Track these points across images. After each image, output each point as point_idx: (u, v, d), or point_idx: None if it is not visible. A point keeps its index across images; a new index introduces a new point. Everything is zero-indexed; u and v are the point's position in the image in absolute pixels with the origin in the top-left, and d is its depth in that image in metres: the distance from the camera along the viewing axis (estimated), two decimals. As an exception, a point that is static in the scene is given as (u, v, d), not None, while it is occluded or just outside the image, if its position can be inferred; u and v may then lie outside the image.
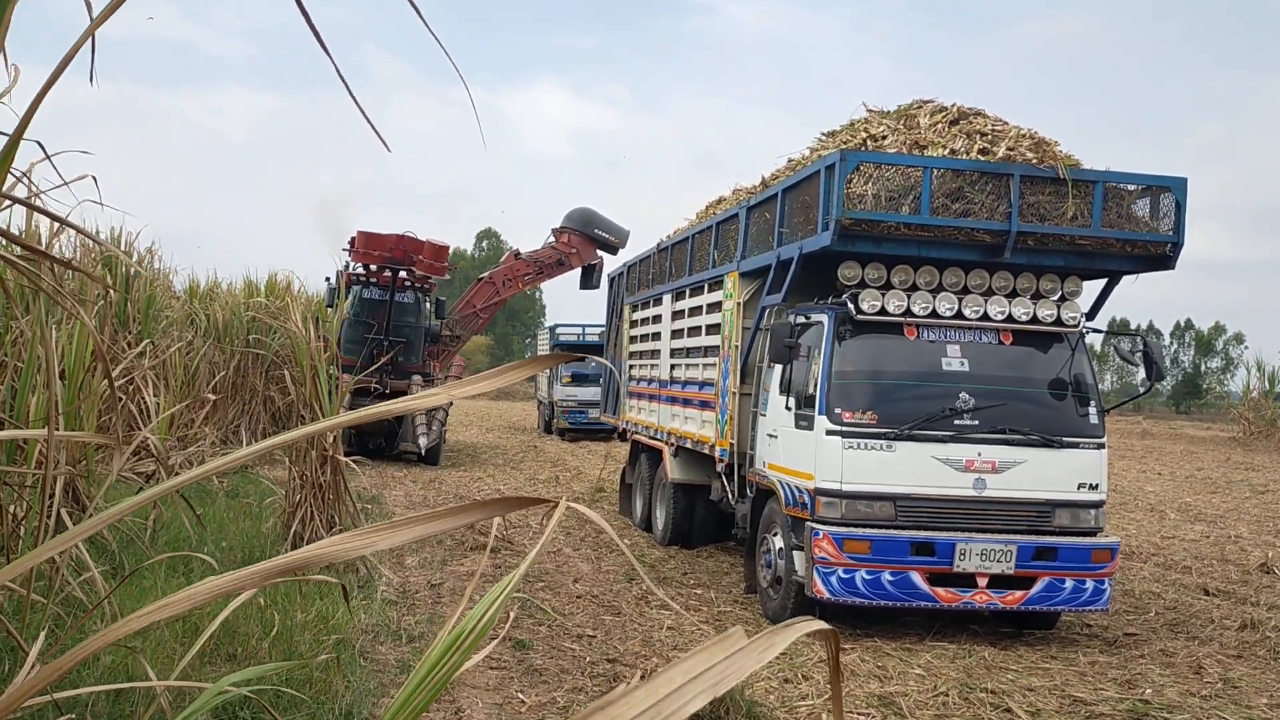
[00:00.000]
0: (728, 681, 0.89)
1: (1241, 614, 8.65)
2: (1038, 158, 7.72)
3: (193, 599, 1.31)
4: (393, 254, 17.90)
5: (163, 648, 4.97)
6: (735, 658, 0.93)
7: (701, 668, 0.90)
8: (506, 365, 1.40)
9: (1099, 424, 7.96)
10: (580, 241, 21.30)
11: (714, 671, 0.90)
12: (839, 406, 7.65)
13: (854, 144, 8.34)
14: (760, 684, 6.39)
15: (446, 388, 1.45)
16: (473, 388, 1.42)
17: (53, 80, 2.18)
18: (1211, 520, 14.50)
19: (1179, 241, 7.82)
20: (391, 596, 8.06)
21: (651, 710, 0.82)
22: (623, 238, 21.53)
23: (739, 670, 0.91)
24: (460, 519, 1.19)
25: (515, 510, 1.23)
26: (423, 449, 18.09)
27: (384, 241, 18.02)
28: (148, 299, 12.09)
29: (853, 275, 7.85)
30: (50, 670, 1.36)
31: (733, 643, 0.95)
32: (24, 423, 5.86)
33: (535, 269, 21.31)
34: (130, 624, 1.30)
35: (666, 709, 0.82)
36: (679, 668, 0.89)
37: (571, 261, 21.39)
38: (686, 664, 0.90)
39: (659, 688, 0.86)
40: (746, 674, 0.91)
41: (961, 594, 7.52)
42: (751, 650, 0.94)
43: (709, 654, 0.93)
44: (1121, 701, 6.36)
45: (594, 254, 21.50)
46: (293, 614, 6.12)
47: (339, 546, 1.23)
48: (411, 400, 1.43)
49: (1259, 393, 32.14)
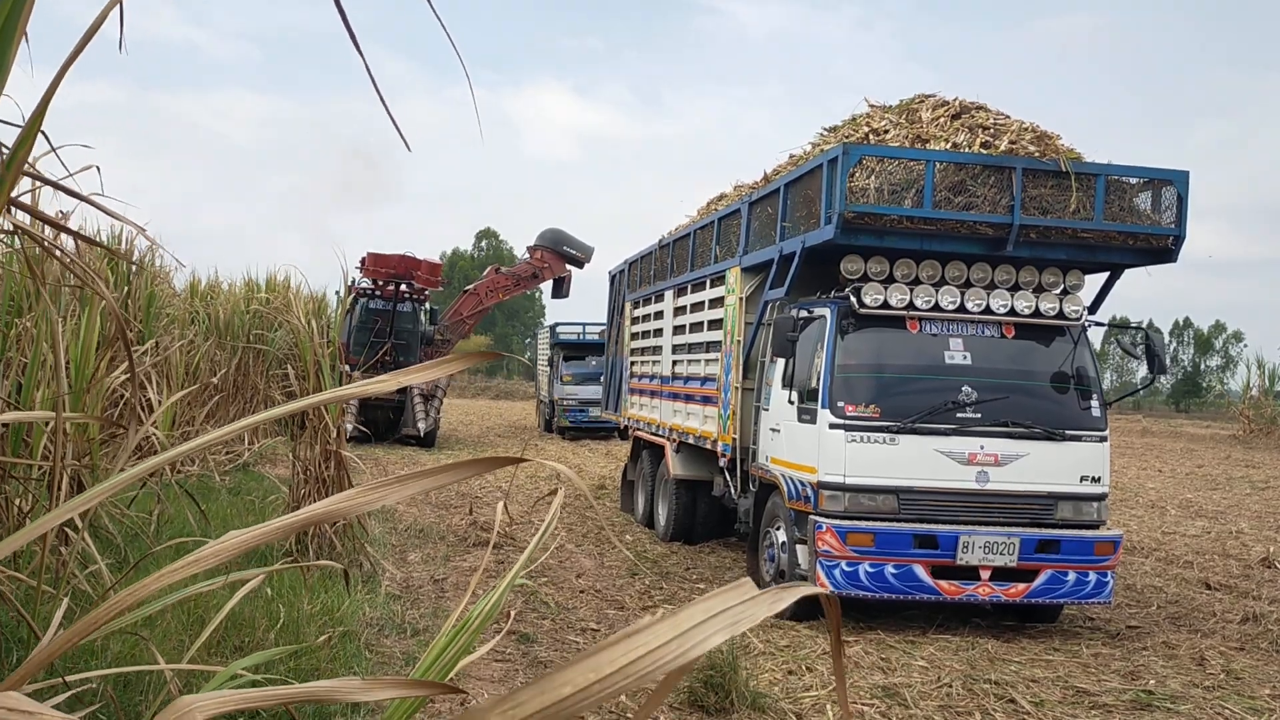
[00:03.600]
0: (744, 623, 0.93)
1: (1243, 607, 8.66)
2: (1040, 151, 7.73)
3: (217, 556, 1.33)
4: (396, 270, 21.71)
5: (170, 638, 4.98)
6: (749, 604, 0.96)
7: (720, 608, 0.94)
8: (448, 357, 1.56)
9: (1101, 417, 7.97)
10: (551, 257, 24.33)
11: (731, 613, 0.94)
12: (842, 400, 7.67)
13: (856, 138, 8.36)
14: (765, 675, 6.41)
15: (393, 375, 1.59)
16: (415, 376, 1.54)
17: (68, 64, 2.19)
18: (1212, 516, 14.51)
19: (1181, 234, 7.84)
20: (395, 591, 8.07)
21: (676, 640, 0.87)
22: (588, 253, 24.54)
23: (753, 615, 0.95)
24: (446, 477, 1.29)
25: (489, 470, 1.36)
26: (422, 431, 21.34)
27: (389, 260, 21.77)
28: (149, 297, 12.09)
29: (855, 269, 7.86)
30: (71, 635, 1.37)
31: (745, 591, 0.99)
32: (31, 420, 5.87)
33: (513, 281, 24.64)
34: (146, 587, 1.32)
35: (690, 641, 0.87)
36: (699, 606, 0.93)
37: (544, 275, 24.50)
38: (706, 604, 0.94)
39: (682, 621, 0.90)
40: (759, 619, 0.94)
41: (964, 587, 7.53)
42: (763, 599, 0.98)
43: (725, 598, 0.97)
44: (1125, 692, 6.38)
45: (564, 268, 24.47)
46: (299, 606, 6.13)
47: (347, 503, 1.29)
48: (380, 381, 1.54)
49: (1259, 391, 32.18)
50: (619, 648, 0.87)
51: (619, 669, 0.85)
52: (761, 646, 7.15)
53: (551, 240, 24.43)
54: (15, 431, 6.09)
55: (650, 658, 0.87)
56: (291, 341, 12.68)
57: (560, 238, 24.47)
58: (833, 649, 1.21)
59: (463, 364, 1.53)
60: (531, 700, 0.80)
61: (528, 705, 0.80)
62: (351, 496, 1.29)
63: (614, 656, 0.86)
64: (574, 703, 0.81)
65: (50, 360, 5.92)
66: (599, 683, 0.84)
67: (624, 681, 0.85)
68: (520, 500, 13.78)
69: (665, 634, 0.88)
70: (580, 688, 0.82)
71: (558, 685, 0.82)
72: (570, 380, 27.17)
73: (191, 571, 1.31)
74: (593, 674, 0.84)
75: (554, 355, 29.14)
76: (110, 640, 4.59)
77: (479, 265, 75.26)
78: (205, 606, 5.42)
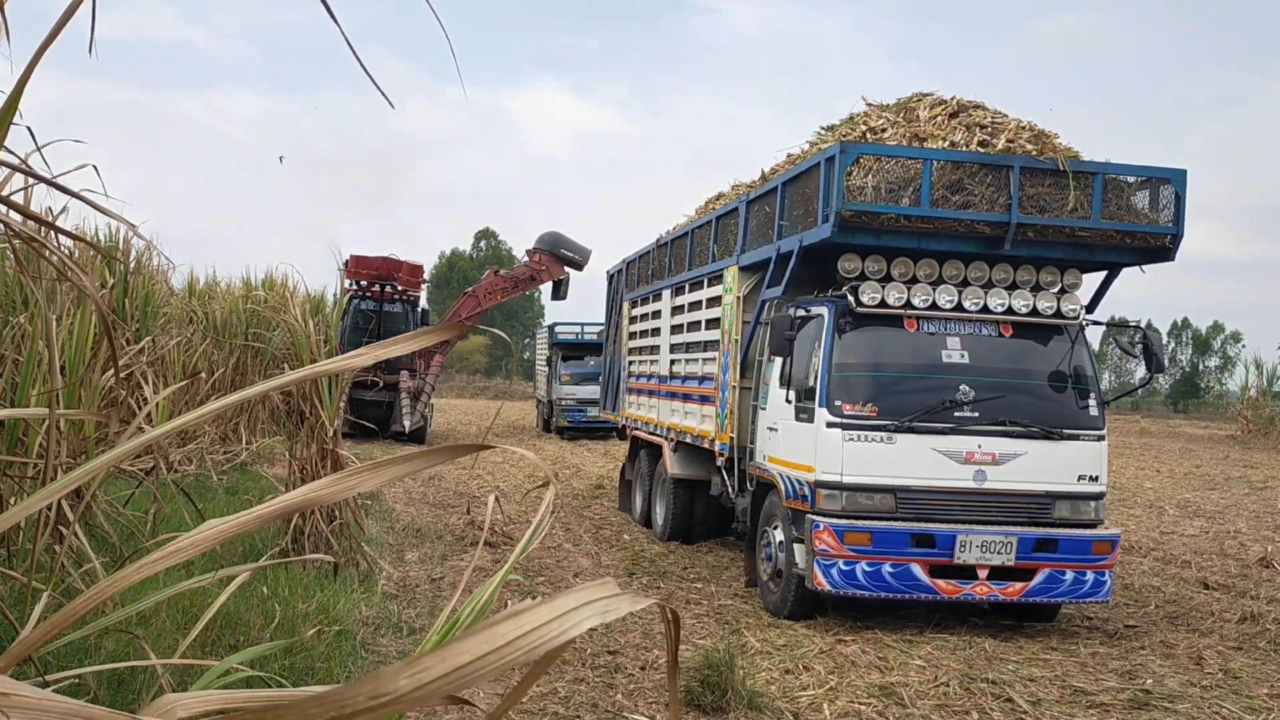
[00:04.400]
0: (611, 614, 1.04)
1: (1241, 607, 8.66)
2: (1037, 150, 7.72)
3: (195, 546, 1.32)
4: (379, 272, 22.80)
5: (165, 636, 4.96)
6: (615, 599, 1.07)
7: (591, 598, 1.05)
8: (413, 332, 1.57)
9: (1099, 416, 7.96)
10: (549, 260, 24.78)
11: (601, 604, 1.05)
12: (839, 399, 7.66)
13: (854, 137, 8.35)
14: (761, 675, 6.40)
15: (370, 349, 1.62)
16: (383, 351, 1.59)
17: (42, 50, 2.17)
18: (1210, 516, 14.51)
19: (1179, 233, 7.83)
20: (392, 590, 8.06)
21: (556, 621, 0.99)
22: (585, 256, 25.00)
23: (618, 609, 1.06)
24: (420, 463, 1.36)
25: (459, 456, 1.44)
26: (407, 428, 21.91)
27: (371, 263, 22.74)
28: (146, 295, 12.07)
29: (853, 268, 7.85)
30: (50, 625, 1.36)
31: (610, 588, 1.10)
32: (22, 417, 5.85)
33: (511, 283, 24.99)
34: (127, 578, 1.30)
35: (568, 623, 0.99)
36: (572, 595, 1.04)
37: (542, 277, 24.99)
38: (578, 594, 1.04)
39: (559, 606, 1.01)
40: (624, 613, 1.06)
41: (962, 586, 7.52)
42: (625, 597, 1.09)
43: (594, 590, 1.07)
44: (1123, 691, 6.37)
45: (561, 270, 24.93)
46: (294, 604, 6.12)
47: (324, 491, 1.35)
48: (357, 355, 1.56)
49: (1257, 391, 32.17)
50: (509, 624, 0.97)
51: (509, 642, 0.95)
52: (758, 646, 7.14)
53: (549, 243, 24.96)
54: (11, 430, 6.08)
55: (535, 634, 0.97)
56: (289, 341, 12.68)
57: (558, 241, 25.00)
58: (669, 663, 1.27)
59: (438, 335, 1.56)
60: (434, 666, 0.89)
61: (431, 670, 0.89)
62: (329, 484, 1.31)
63: (505, 630, 0.96)
64: (472, 669, 0.91)
65: (45, 358, 5.91)
66: (493, 653, 0.93)
67: (515, 654, 0.95)
68: (518, 500, 13.76)
69: (546, 615, 0.99)
70: (477, 656, 0.92)
71: (457, 654, 0.91)
72: (568, 380, 27.18)
73: (171, 562, 1.31)
74: (487, 645, 0.93)
75: (552, 355, 29.17)
76: (104, 638, 4.58)
77: (478, 265, 75.29)
78: (200, 604, 5.40)
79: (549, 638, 0.95)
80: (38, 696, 1.07)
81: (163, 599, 3.97)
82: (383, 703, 0.82)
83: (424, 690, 0.86)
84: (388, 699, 0.83)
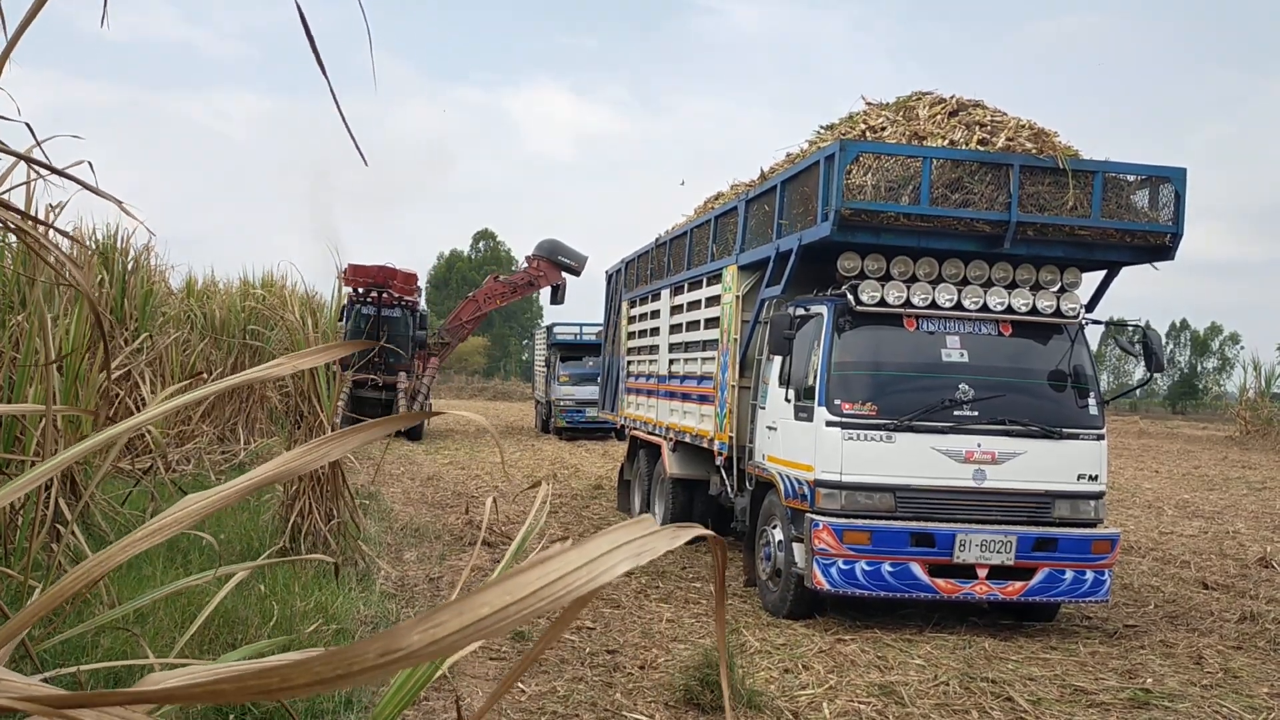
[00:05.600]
0: (646, 555, 0.99)
1: (1241, 607, 8.65)
2: (1037, 148, 7.72)
3: (177, 524, 1.31)
4: (375, 280, 23.99)
5: (163, 635, 4.95)
6: (651, 537, 1.02)
7: (625, 539, 1.00)
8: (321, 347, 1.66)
9: (1098, 415, 7.95)
10: (547, 266, 26.07)
11: (636, 544, 1.00)
12: (839, 398, 7.64)
13: (853, 136, 8.33)
14: (761, 674, 6.38)
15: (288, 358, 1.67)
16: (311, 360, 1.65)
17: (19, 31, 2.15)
18: (1209, 516, 14.50)
19: (1178, 232, 7.82)
20: (390, 590, 8.04)
21: (586, 567, 0.93)
22: (582, 263, 26.09)
23: (654, 548, 1.01)
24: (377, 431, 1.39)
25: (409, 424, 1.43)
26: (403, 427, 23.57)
27: (368, 271, 23.90)
28: (145, 294, 12.05)
29: (852, 266, 7.84)
30: (37, 607, 1.35)
31: (647, 526, 1.05)
32: (22, 413, 5.84)
33: (510, 289, 26.54)
34: (113, 558, 1.29)
35: (599, 568, 0.94)
36: (605, 537, 0.99)
37: (540, 283, 26.37)
38: (611, 535, 1.00)
39: (590, 550, 0.96)
40: (660, 552, 1.01)
41: (961, 585, 7.51)
42: (663, 534, 1.05)
43: (629, 531, 1.03)
44: (1122, 691, 6.36)
45: (559, 276, 26.13)
46: (291, 603, 6.10)
47: (297, 462, 1.36)
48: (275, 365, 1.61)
49: (1255, 392, 32.19)
50: (533, 572, 0.92)
51: (533, 592, 0.90)
52: (758, 645, 7.13)
53: (548, 250, 26.08)
54: (9, 427, 6.07)
55: (562, 583, 0.92)
56: (288, 340, 12.65)
57: (556, 248, 26.07)
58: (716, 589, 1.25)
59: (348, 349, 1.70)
60: (451, 620, 0.85)
61: (449, 624, 0.84)
62: (300, 454, 1.34)
63: (529, 580, 0.91)
64: (492, 622, 0.86)
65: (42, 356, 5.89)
66: (515, 604, 0.88)
67: (538, 604, 0.89)
68: (518, 501, 13.74)
69: (575, 560, 0.93)
70: (497, 608, 0.87)
71: (476, 606, 0.87)
72: (567, 381, 27.18)
73: (153, 541, 1.30)
74: (508, 596, 0.89)
75: (551, 356, 29.18)
76: (101, 635, 4.56)
77: (476, 266, 75.23)
78: (198, 603, 5.38)
79: (579, 584, 0.91)
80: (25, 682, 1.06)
81: (160, 596, 3.96)
82: (394, 659, 0.79)
83: (438, 645, 0.81)
84: (400, 654, 0.80)
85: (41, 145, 4.28)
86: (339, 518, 8.38)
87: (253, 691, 0.78)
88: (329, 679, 0.76)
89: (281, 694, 0.76)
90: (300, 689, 0.76)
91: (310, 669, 0.76)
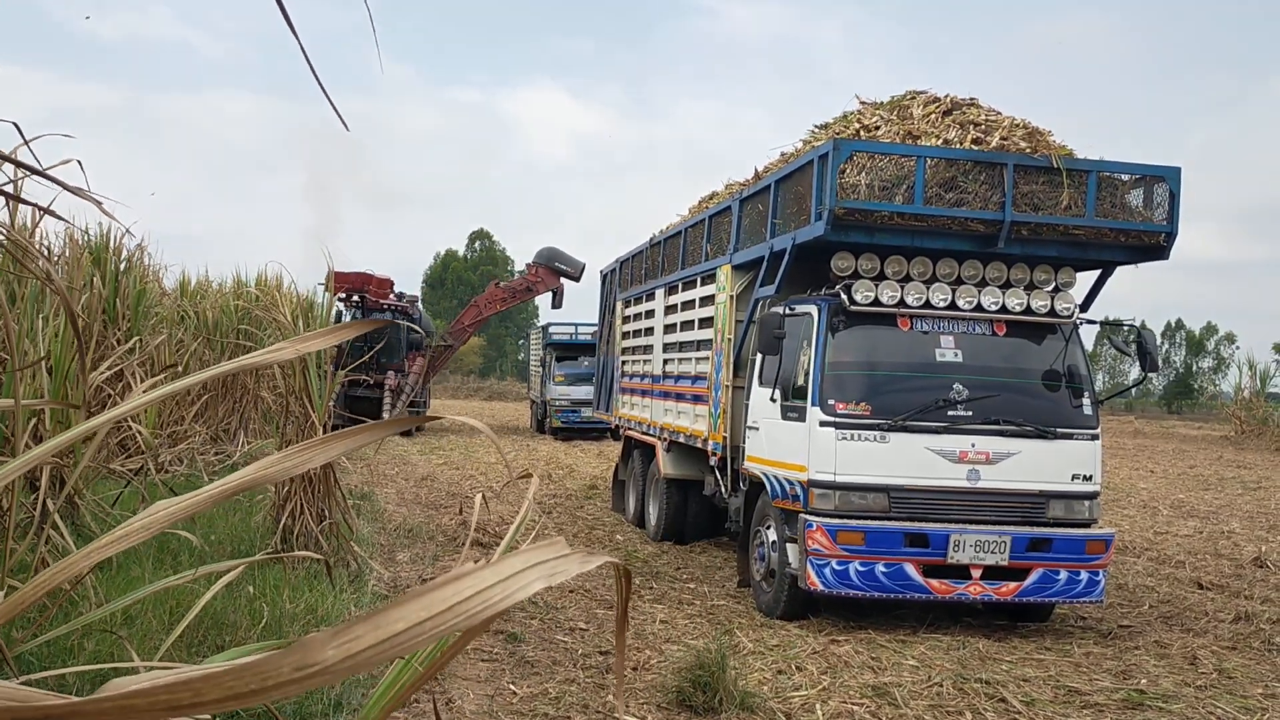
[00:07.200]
0: (559, 576, 0.99)
1: (1235, 607, 8.63)
2: (1031, 147, 7.70)
3: (147, 529, 1.28)
4: (354, 285, 25.72)
5: (150, 637, 4.91)
6: (563, 560, 1.02)
7: (539, 559, 0.99)
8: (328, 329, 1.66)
9: (1093, 415, 7.93)
10: (545, 273, 27.44)
11: (548, 565, 1.00)
12: (832, 398, 7.62)
13: (847, 135, 8.31)
14: (754, 675, 6.35)
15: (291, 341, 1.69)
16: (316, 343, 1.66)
17: None
18: (1204, 516, 14.50)
19: (1173, 231, 7.80)
20: (383, 591, 8.00)
21: (500, 585, 0.93)
22: (579, 269, 27.08)
23: (566, 570, 1.01)
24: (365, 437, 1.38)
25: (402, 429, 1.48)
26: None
27: (348, 277, 25.31)
28: (138, 294, 12.00)
29: (846, 266, 7.81)
30: (13, 603, 1.32)
31: (559, 548, 1.05)
32: (10, 416, 5.79)
33: (509, 294, 28.16)
34: (90, 555, 1.27)
35: (513, 586, 0.93)
36: (519, 557, 0.98)
37: (538, 288, 27.84)
38: (525, 555, 0.99)
39: (504, 569, 0.95)
40: (572, 574, 1.01)
41: (955, 585, 7.48)
42: (574, 557, 1.04)
43: (542, 552, 1.02)
44: (1117, 691, 6.34)
45: (556, 282, 27.39)
46: (281, 605, 6.06)
47: (277, 467, 1.36)
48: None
49: (1250, 392, 32.23)
50: (449, 589, 0.90)
51: (449, 608, 0.87)
52: (751, 646, 7.10)
53: (546, 258, 27.48)
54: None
55: (477, 599, 0.89)
56: (280, 340, 12.59)
57: (554, 255, 27.45)
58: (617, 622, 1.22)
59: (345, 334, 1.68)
60: (366, 634, 0.82)
61: (363, 639, 0.81)
62: (278, 460, 1.30)
63: (444, 596, 0.88)
64: (407, 638, 0.83)
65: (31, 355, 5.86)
66: (431, 620, 0.86)
67: (454, 620, 0.87)
68: (512, 501, 13.71)
69: (489, 578, 0.92)
70: (413, 623, 0.84)
71: (392, 621, 0.84)
72: (562, 381, 27.18)
73: (129, 543, 1.27)
74: (424, 611, 0.86)
75: (546, 356, 29.20)
76: (86, 638, 4.52)
77: (472, 266, 75.14)
78: (186, 605, 5.34)
79: (493, 602, 0.89)
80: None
81: (145, 596, 3.92)
82: (309, 674, 0.75)
83: (354, 661, 0.79)
84: (315, 670, 0.76)
85: (29, 144, 4.25)
86: (331, 518, 8.34)
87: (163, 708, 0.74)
88: (242, 694, 0.73)
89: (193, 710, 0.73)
90: (211, 705, 0.73)
91: (222, 683, 0.73)
